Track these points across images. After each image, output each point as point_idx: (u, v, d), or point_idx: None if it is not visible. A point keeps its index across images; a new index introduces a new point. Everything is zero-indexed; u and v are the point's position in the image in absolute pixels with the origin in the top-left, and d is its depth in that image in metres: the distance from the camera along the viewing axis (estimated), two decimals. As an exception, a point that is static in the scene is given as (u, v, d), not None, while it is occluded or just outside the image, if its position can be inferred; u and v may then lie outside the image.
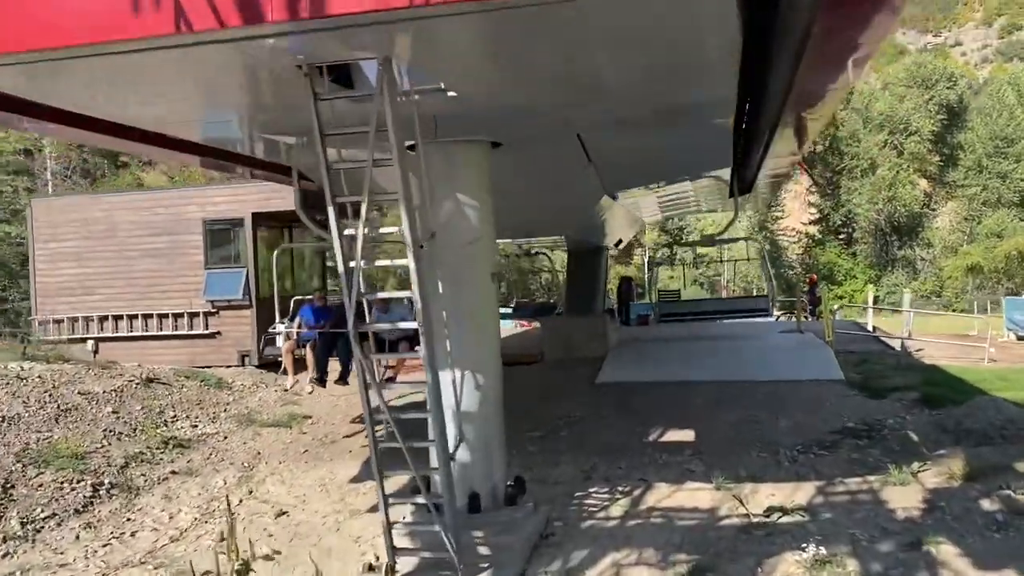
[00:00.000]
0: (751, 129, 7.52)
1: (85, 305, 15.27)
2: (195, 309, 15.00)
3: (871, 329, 19.80)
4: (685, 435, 9.44)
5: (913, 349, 15.53)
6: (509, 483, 7.10)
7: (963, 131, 56.60)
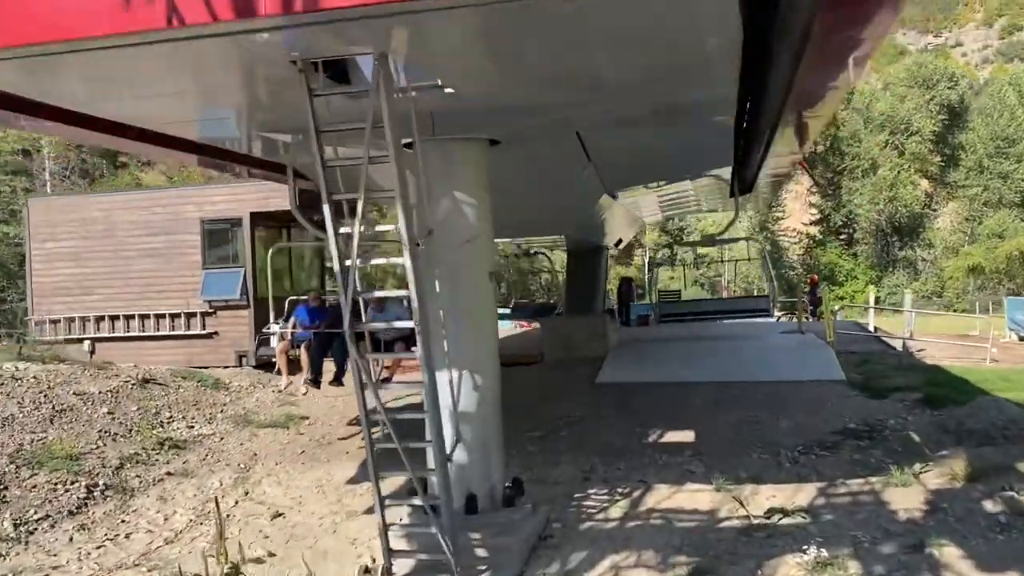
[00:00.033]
0: (751, 128, 7.49)
1: (82, 305, 15.21)
2: (192, 309, 14.94)
3: (872, 329, 19.73)
4: (685, 436, 9.38)
5: (915, 349, 15.48)
6: (507, 484, 7.04)
7: (964, 131, 56.65)
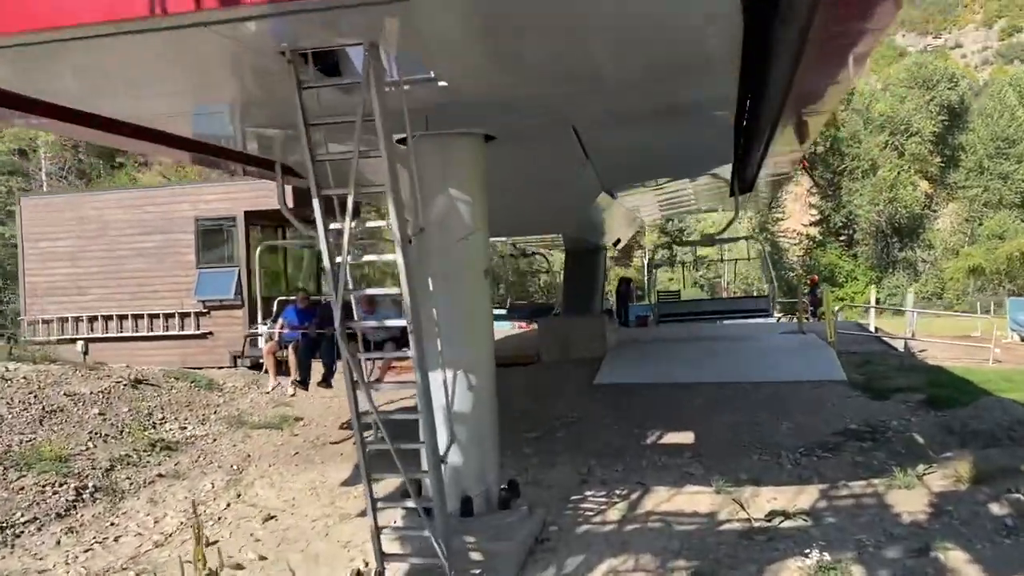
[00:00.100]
0: (751, 126, 7.42)
1: (75, 305, 15.07)
2: (186, 309, 14.81)
3: (873, 330, 19.62)
4: (684, 437, 9.27)
5: (916, 350, 15.35)
6: (503, 486, 6.93)
7: (964, 132, 56.59)
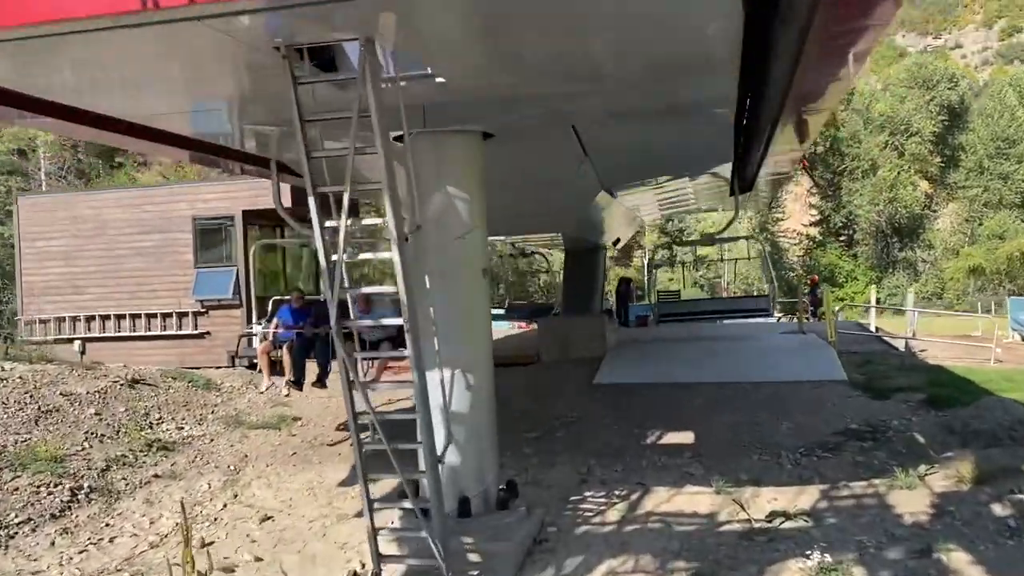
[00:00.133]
0: (752, 124, 7.38)
1: (72, 305, 15.00)
2: (184, 309, 14.73)
3: (874, 329, 19.56)
4: (684, 437, 9.21)
5: (917, 349, 15.29)
6: (501, 487, 6.87)
7: (964, 132, 56.52)
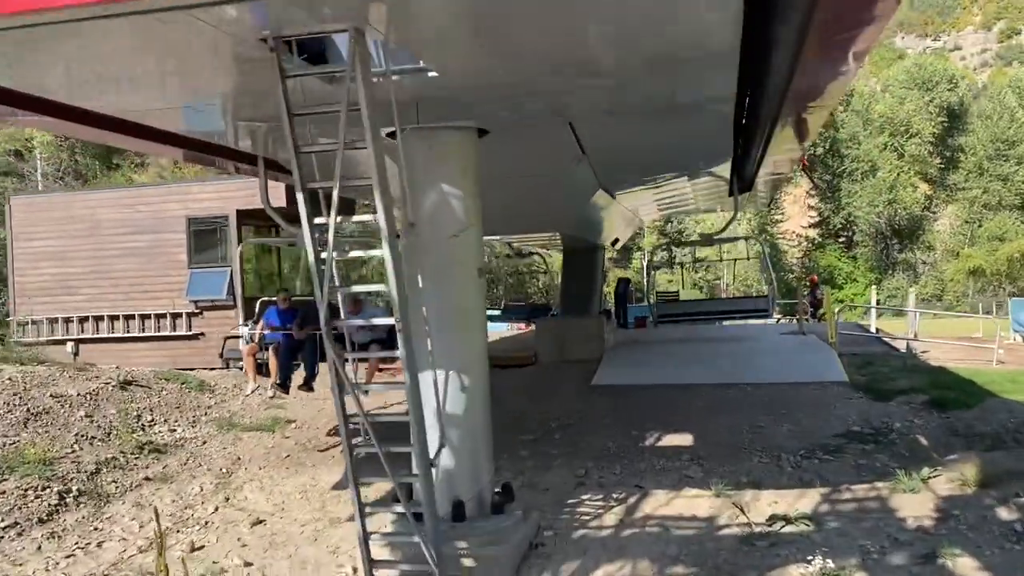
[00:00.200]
0: (751, 123, 7.30)
1: (65, 306, 14.86)
2: (178, 310, 14.60)
3: (874, 331, 19.43)
4: (683, 439, 9.09)
5: (918, 351, 15.16)
6: (496, 490, 6.72)
7: (964, 134, 56.49)
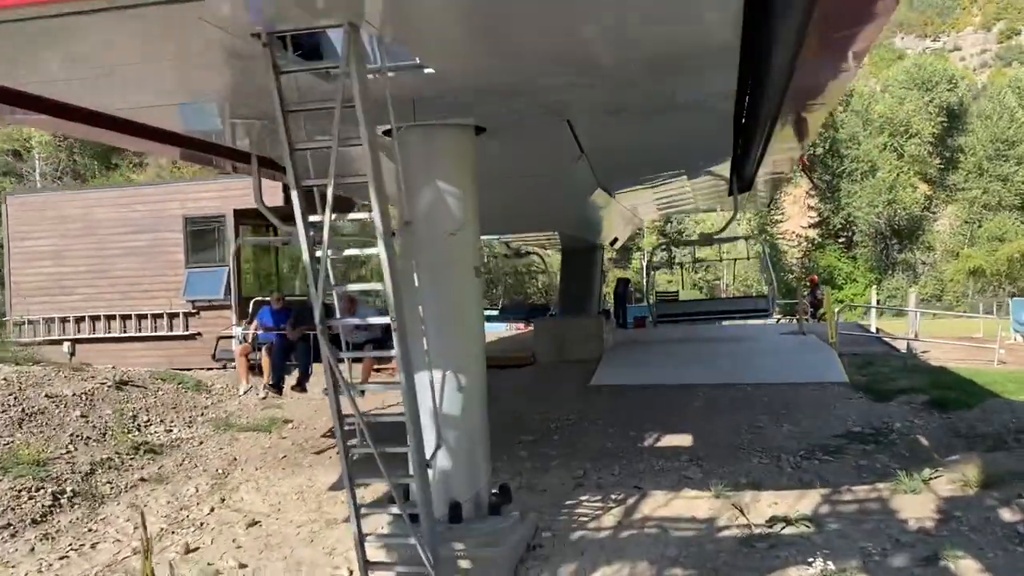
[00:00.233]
0: (751, 122, 7.27)
1: (62, 305, 14.81)
2: (175, 309, 14.55)
3: (874, 330, 19.37)
4: (682, 440, 9.04)
5: (919, 351, 15.10)
6: (494, 491, 6.67)
7: (963, 134, 56.44)
